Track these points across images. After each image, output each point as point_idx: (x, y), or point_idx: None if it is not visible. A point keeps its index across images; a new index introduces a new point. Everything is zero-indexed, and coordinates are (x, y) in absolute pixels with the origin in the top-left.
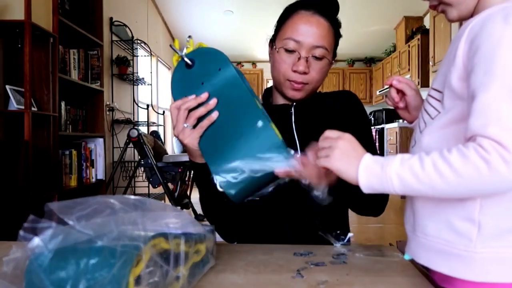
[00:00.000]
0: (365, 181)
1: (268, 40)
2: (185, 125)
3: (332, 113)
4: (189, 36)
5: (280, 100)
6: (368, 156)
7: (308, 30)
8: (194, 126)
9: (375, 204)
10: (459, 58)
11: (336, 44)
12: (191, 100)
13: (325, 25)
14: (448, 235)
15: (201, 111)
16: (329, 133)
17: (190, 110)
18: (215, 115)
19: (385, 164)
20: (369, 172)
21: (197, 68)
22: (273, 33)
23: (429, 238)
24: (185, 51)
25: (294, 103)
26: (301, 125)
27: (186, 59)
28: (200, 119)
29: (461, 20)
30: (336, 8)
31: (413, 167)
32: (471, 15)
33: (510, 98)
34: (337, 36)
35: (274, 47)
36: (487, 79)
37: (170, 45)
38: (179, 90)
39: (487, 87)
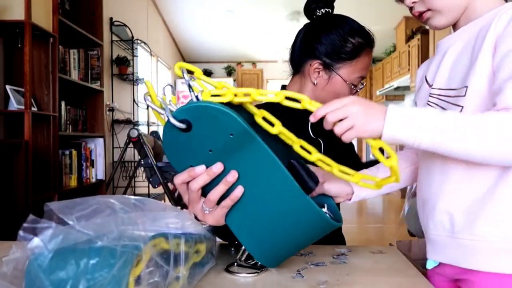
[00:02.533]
0: (394, 121)
1: (322, 61)
2: (205, 210)
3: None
4: (169, 85)
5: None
6: (392, 106)
7: (368, 67)
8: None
9: None
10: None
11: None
12: (202, 176)
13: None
14: (506, 230)
15: (220, 189)
16: (336, 103)
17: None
18: (239, 192)
19: (418, 110)
20: (400, 113)
21: (198, 132)
22: (332, 55)
23: (478, 238)
24: (170, 107)
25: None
26: (317, 129)
27: (177, 124)
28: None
29: (445, 27)
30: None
31: (448, 119)
32: (455, 23)
33: None
34: None
35: (335, 74)
36: None
37: (145, 98)
38: (177, 157)
39: None
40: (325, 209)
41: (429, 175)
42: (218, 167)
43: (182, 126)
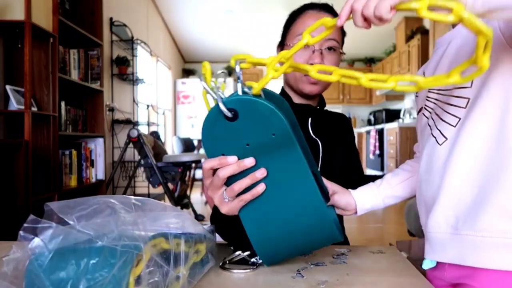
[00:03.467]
0: None
1: (276, 46)
2: (225, 198)
3: (338, 128)
4: (223, 72)
5: (296, 99)
6: None
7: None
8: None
9: None
10: None
11: (343, 39)
12: (232, 166)
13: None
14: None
15: (245, 183)
16: None
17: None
18: (261, 189)
19: None
20: None
21: (241, 124)
22: (280, 38)
23: (482, 234)
24: (220, 94)
25: (310, 117)
26: (317, 129)
27: (225, 111)
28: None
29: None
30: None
31: None
32: None
33: None
34: (343, 33)
35: (286, 45)
36: None
37: (201, 81)
38: (212, 143)
39: None
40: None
41: (431, 171)
42: (250, 161)
43: (229, 114)
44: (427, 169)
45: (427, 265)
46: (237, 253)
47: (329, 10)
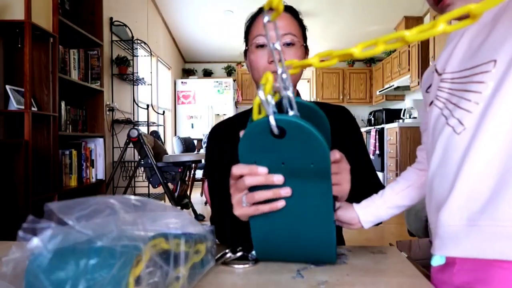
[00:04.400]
0: None
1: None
2: (244, 203)
3: (334, 123)
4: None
5: None
6: None
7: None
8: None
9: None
10: None
11: (303, 33)
12: (260, 177)
13: (287, 16)
14: None
15: (267, 195)
16: None
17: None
18: (280, 205)
19: None
20: None
21: (285, 144)
22: (244, 46)
23: (502, 223)
24: (271, 106)
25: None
26: None
27: (274, 129)
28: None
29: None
30: (294, 9)
31: None
32: None
33: None
34: (302, 26)
35: (247, 49)
36: None
37: (258, 90)
38: (249, 150)
39: None
40: None
41: (447, 163)
42: (278, 179)
43: (277, 132)
44: (442, 162)
45: (436, 261)
46: (227, 251)
47: (286, 8)
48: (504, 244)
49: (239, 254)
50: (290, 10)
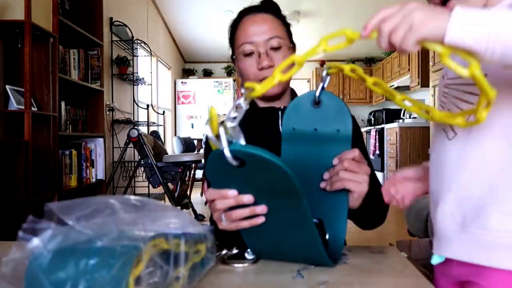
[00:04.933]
0: (461, 19)
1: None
2: (223, 221)
3: None
4: (237, 105)
5: (261, 104)
6: (459, 7)
7: (257, 28)
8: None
9: (375, 219)
10: None
11: (289, 32)
12: (231, 199)
13: (270, 18)
14: None
15: (244, 213)
16: (389, 8)
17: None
18: (260, 221)
19: (487, 12)
20: (468, 12)
21: (249, 170)
22: (231, 51)
23: (492, 233)
24: (223, 141)
25: (282, 107)
26: None
27: (231, 161)
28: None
29: None
30: (275, 5)
31: None
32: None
33: None
34: (286, 25)
35: (235, 57)
36: None
37: (206, 125)
38: (216, 177)
39: None
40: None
41: (440, 167)
42: (248, 199)
43: (235, 163)
44: (437, 164)
45: (435, 260)
46: (224, 252)
47: (263, 9)
48: (492, 253)
49: (235, 251)
50: (271, 9)
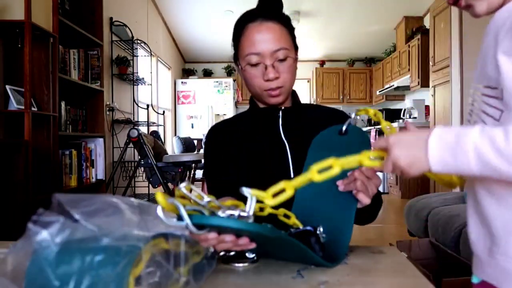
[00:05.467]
0: (437, 156)
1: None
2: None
3: (322, 126)
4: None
5: (261, 104)
6: (438, 127)
7: (263, 39)
8: None
9: (368, 216)
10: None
11: (293, 38)
12: (229, 243)
13: (275, 27)
14: None
15: (228, 246)
16: (386, 163)
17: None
18: (251, 247)
19: (461, 133)
20: (441, 144)
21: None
22: (233, 52)
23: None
24: (183, 216)
25: (282, 107)
26: (288, 130)
27: (196, 232)
28: None
29: (488, 14)
30: (279, 5)
31: (494, 138)
32: (499, 6)
33: None
34: (291, 30)
35: (239, 66)
36: None
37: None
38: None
39: None
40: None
41: (471, 182)
42: (244, 242)
43: (201, 233)
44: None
45: (474, 279)
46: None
47: (269, 16)
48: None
49: (232, 252)
50: (276, 15)
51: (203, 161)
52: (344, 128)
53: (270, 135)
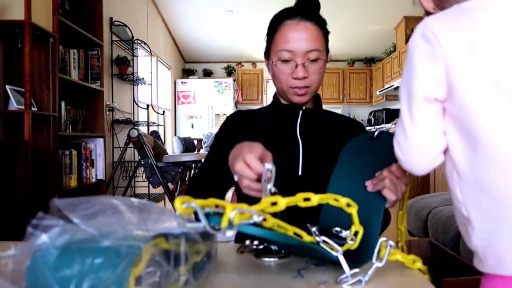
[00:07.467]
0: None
1: (264, 52)
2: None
3: (338, 133)
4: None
5: (284, 101)
6: None
7: (298, 38)
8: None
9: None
10: None
11: (326, 41)
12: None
13: (312, 28)
14: None
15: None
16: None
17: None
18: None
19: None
20: None
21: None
22: (265, 45)
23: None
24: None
25: (304, 107)
26: (305, 129)
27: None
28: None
29: None
30: (317, 6)
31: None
32: None
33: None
34: (325, 33)
35: (271, 60)
36: None
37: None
38: None
39: None
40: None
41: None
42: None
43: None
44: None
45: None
46: (247, 243)
47: (307, 16)
48: None
49: (261, 246)
50: (313, 16)
51: (203, 160)
52: (376, 133)
53: (286, 131)
